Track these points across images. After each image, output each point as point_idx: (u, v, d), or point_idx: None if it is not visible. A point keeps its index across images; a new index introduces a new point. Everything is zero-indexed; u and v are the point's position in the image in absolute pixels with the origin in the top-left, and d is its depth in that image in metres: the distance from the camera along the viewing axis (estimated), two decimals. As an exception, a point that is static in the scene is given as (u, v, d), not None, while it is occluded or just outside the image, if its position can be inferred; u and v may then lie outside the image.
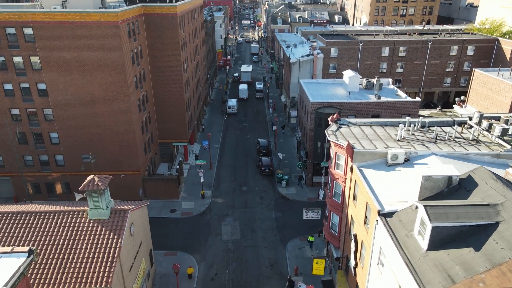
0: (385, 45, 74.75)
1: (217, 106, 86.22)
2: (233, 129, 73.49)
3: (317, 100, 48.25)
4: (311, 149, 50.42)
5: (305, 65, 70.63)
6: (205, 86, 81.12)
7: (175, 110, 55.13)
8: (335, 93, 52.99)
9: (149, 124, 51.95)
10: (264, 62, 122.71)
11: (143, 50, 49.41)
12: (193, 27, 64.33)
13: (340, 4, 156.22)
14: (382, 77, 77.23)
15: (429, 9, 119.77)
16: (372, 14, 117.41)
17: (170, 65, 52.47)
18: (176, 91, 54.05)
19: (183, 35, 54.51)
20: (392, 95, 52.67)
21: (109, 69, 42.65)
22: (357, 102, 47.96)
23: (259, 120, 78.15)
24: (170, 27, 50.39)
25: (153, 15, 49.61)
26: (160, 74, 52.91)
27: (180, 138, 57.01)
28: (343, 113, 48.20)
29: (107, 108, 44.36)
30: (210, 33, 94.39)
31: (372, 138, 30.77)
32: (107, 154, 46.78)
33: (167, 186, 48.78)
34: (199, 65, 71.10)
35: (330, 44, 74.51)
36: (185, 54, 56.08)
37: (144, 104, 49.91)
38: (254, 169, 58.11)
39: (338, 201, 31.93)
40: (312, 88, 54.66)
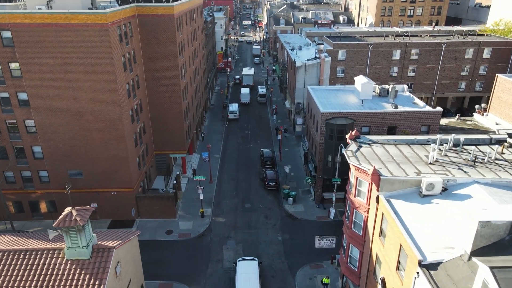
0: (396, 47, 70.34)
1: (218, 111, 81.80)
2: (234, 137, 69.05)
3: (328, 110, 43.82)
4: (321, 163, 45.99)
5: (311, 69, 66.23)
6: (205, 91, 76.73)
7: (172, 120, 50.72)
8: (347, 101, 48.55)
9: (143, 135, 47.52)
10: (266, 65, 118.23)
11: (136, 54, 45.00)
12: (192, 28, 59.93)
13: (343, 4, 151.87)
14: (392, 82, 72.94)
15: (438, 9, 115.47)
16: (378, 15, 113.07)
17: (167, 71, 48.05)
18: (173, 99, 49.63)
19: (181, 38, 50.11)
20: (408, 103, 48.24)
21: (97, 77, 38.22)
22: (372, 112, 43.53)
23: (262, 127, 73.73)
24: (167, 29, 45.97)
25: (148, 16, 45.20)
26: (155, 81, 48.50)
27: (178, 149, 52.59)
28: (357, 124, 43.78)
29: (95, 120, 39.93)
30: (210, 34, 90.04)
31: (400, 161, 26.32)
32: (96, 170, 42.35)
33: (163, 204, 44.36)
34: (199, 69, 66.70)
35: (337, 46, 70.08)
36: (183, 59, 51.67)
37: (137, 114, 45.49)
38: (257, 182, 53.67)
39: (359, 233, 27.48)
40: (321, 96, 50.22)
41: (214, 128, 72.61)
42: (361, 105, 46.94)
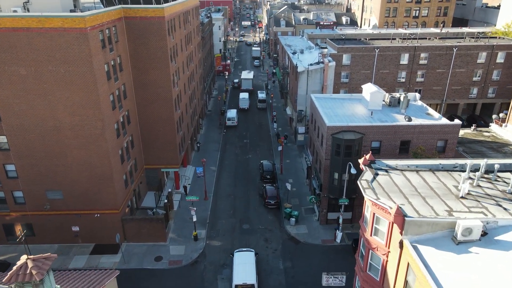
0: (405, 51, 66.12)
1: (215, 118, 77.56)
2: (232, 147, 64.81)
3: (334, 123, 39.58)
4: (327, 181, 41.75)
5: (314, 75, 62.03)
6: (202, 96, 72.51)
7: (163, 132, 46.50)
8: (354, 112, 44.32)
9: (131, 150, 43.29)
10: (266, 68, 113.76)
11: (123, 61, 40.77)
12: (187, 31, 55.69)
13: (345, 4, 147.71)
14: (400, 87, 68.79)
15: (444, 10, 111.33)
16: (383, 16, 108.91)
17: (157, 78, 43.83)
18: (164, 109, 45.41)
19: (173, 43, 45.88)
20: (422, 114, 44.04)
21: (76, 88, 33.98)
22: (384, 126, 39.30)
23: (261, 136, 69.48)
24: (157, 34, 41.75)
25: (136, 19, 40.97)
26: (145, 90, 44.28)
27: (170, 163, 48.36)
28: (366, 139, 39.58)
29: (75, 135, 35.68)
30: (208, 36, 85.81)
31: (425, 194, 22.07)
32: (77, 190, 38.12)
33: (152, 227, 40.12)
34: (194, 75, 62.47)
35: (342, 50, 65.86)
36: (176, 65, 47.44)
37: (124, 127, 41.27)
38: (257, 199, 49.43)
39: (376, 278, 23.23)
40: (326, 106, 45.99)
41: (211, 137, 68.36)
42: (370, 117, 42.72)
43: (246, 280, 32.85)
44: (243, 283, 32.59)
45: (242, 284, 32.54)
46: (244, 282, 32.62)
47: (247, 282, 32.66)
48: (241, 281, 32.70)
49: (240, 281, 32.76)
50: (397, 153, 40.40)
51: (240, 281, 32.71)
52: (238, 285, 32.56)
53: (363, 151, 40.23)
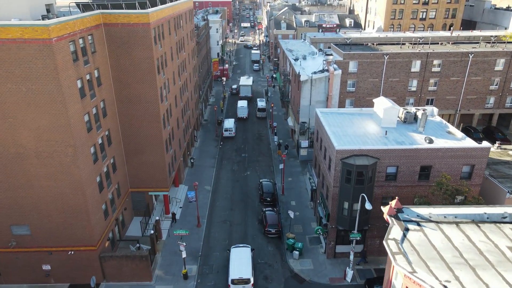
0: (416, 58, 60.96)
1: (211, 128, 72.36)
2: (229, 162, 59.61)
3: (345, 147, 34.38)
4: (335, 211, 36.59)
5: (318, 84, 56.87)
6: (197, 106, 67.34)
7: (151, 152, 41.35)
8: (366, 130, 39.14)
9: (113, 174, 38.10)
10: (266, 74, 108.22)
11: (102, 75, 35.61)
12: (178, 38, 50.52)
13: (348, 6, 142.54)
14: (411, 97, 63.67)
15: (452, 11, 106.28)
16: (388, 18, 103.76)
17: (143, 93, 38.68)
18: (151, 126, 40.26)
19: (161, 52, 40.72)
20: (441, 132, 38.91)
21: (41, 109, 28.84)
22: (402, 150, 34.11)
23: (261, 149, 64.28)
24: (141, 42, 36.60)
25: (117, 26, 35.82)
26: (129, 106, 39.13)
27: (159, 186, 43.20)
28: (381, 164, 34.42)
29: (42, 163, 30.53)
30: (204, 41, 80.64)
31: (475, 262, 16.91)
32: (47, 225, 32.95)
33: (135, 265, 34.93)
34: (187, 84, 57.29)
35: (348, 57, 60.70)
36: (165, 77, 42.28)
37: (104, 149, 36.09)
38: (255, 227, 44.26)
39: None
40: (333, 123, 40.83)
41: (206, 151, 63.16)
42: (384, 137, 37.53)
43: (242, 274, 33.86)
44: (239, 277, 33.66)
45: (238, 279, 33.61)
46: (240, 277, 33.69)
47: (243, 276, 33.73)
48: (237, 276, 33.73)
49: (236, 275, 33.75)
50: (416, 179, 35.25)
51: (236, 276, 33.73)
52: (234, 279, 33.61)
53: (377, 177, 35.14)
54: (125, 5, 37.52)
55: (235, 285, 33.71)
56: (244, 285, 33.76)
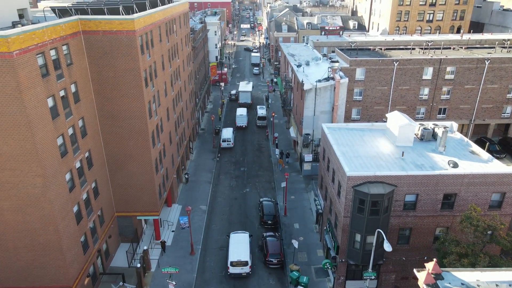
0: (428, 65, 56.63)
1: (208, 138, 68.02)
2: (227, 178, 55.28)
3: (357, 173, 30.09)
4: (345, 243, 32.29)
5: (323, 93, 52.62)
6: (193, 116, 63.05)
7: (138, 173, 37.09)
8: (379, 150, 34.82)
9: (94, 201, 33.81)
10: (267, 79, 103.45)
11: (81, 89, 31.34)
12: (171, 44, 46.24)
13: (351, 7, 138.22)
14: (422, 106, 59.38)
15: (461, 13, 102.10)
16: (393, 20, 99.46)
17: (128, 108, 34.42)
18: (138, 145, 35.99)
19: (150, 62, 36.43)
20: (464, 152, 34.63)
21: (3, 134, 24.57)
22: (423, 176, 29.81)
23: (261, 162, 59.94)
24: (126, 52, 32.33)
25: (98, 33, 31.55)
26: (113, 122, 34.88)
27: (148, 210, 38.94)
28: (399, 191, 30.13)
29: (6, 196, 26.25)
30: (201, 44, 76.34)
31: None
32: (15, 263, 28.69)
33: (118, 307, 30.71)
34: (182, 94, 53.00)
35: (355, 63, 56.40)
36: (155, 89, 37.99)
37: (83, 174, 31.80)
38: (255, 253, 39.94)
39: None
40: (342, 141, 36.53)
41: (203, 164, 58.83)
42: (400, 158, 33.21)
43: (241, 257, 36.13)
44: (237, 260, 35.91)
45: (236, 261, 35.85)
46: (238, 259, 35.94)
47: (241, 259, 35.99)
48: (236, 258, 35.99)
49: (235, 258, 36.03)
50: (439, 208, 30.96)
51: (235, 258, 35.99)
52: (233, 261, 35.86)
53: (394, 206, 30.86)
54: (108, 10, 33.20)
55: (234, 266, 35.91)
56: (242, 267, 35.94)
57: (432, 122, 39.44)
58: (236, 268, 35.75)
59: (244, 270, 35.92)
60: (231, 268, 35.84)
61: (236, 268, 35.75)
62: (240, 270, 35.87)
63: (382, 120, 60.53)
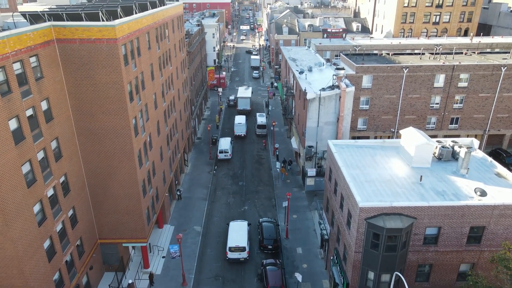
0: (440, 71, 52.75)
1: (205, 149, 64.12)
2: (224, 193, 51.36)
3: (371, 203, 26.20)
4: (356, 281, 28.37)
5: (327, 103, 48.75)
6: (188, 125, 59.17)
7: (123, 196, 33.21)
8: (393, 173, 30.90)
9: (71, 231, 29.92)
10: (267, 85, 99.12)
11: (55, 105, 27.47)
12: (163, 51, 42.37)
13: (354, 8, 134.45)
14: (433, 115, 55.46)
15: (468, 15, 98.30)
16: (398, 22, 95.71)
17: (110, 126, 30.56)
18: (123, 166, 32.11)
19: (136, 72, 32.54)
20: (489, 175, 30.73)
21: (-48, 165, 20.71)
22: (447, 207, 25.91)
23: (261, 176, 56.01)
24: (106, 63, 28.46)
25: (74, 42, 27.70)
26: (94, 141, 31.00)
27: (134, 236, 35.05)
28: (419, 224, 26.23)
29: (-40, 236, 22.38)
30: (197, 49, 72.49)
31: None
32: (-25, 310, 24.81)
33: None
34: (175, 104, 49.11)
35: (362, 70, 52.53)
36: (141, 103, 34.09)
37: (57, 202, 27.92)
38: (254, 284, 36.03)
39: None
40: (351, 161, 32.61)
41: (198, 178, 54.89)
42: (418, 183, 29.31)
43: (239, 243, 37.92)
44: (235, 245, 37.69)
45: (235, 246, 37.64)
46: (236, 245, 37.73)
47: (239, 245, 37.77)
48: (234, 244, 37.79)
49: (233, 244, 37.82)
50: (464, 243, 27.06)
51: (233, 244, 37.80)
52: (231, 247, 37.68)
53: (412, 240, 26.98)
54: (86, 16, 29.30)
55: (232, 252, 37.65)
56: (240, 252, 37.64)
57: (450, 139, 35.51)
58: (234, 254, 37.63)
59: (242, 256, 37.77)
60: (230, 254, 37.67)
61: (234, 254, 37.63)
62: (238, 255, 37.69)
63: (390, 131, 56.74)
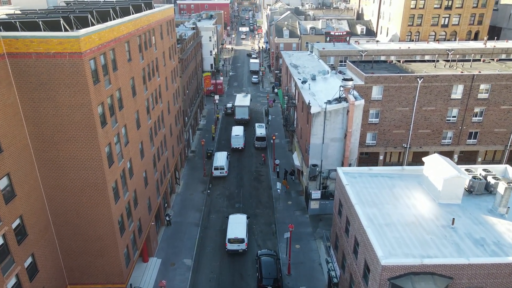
0: (458, 82, 47.64)
1: (199, 164, 58.93)
2: (219, 218, 46.18)
3: (395, 261, 21.03)
4: None
5: (334, 117, 43.66)
6: (180, 139, 54.00)
7: (95, 236, 28.09)
8: (417, 212, 25.72)
9: (29, 284, 24.76)
10: (267, 93, 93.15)
11: (4, 134, 22.33)
12: (148, 61, 37.22)
13: (357, 9, 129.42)
14: (449, 129, 50.33)
15: (479, 17, 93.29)
16: (405, 24, 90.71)
17: (77, 156, 25.43)
18: (93, 202, 26.99)
19: (111, 90, 27.40)
20: (531, 213, 25.56)
21: None
22: (491, 265, 20.76)
23: (260, 196, 50.82)
24: (70, 82, 23.34)
25: (29, 56, 22.58)
26: (58, 173, 25.89)
27: (111, 280, 29.92)
28: (455, 285, 21.04)
29: None
30: (192, 54, 67.33)
31: None
32: None
33: None
34: (163, 119, 43.97)
35: (371, 80, 47.45)
36: (118, 125, 28.93)
37: (7, 254, 22.76)
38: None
39: None
40: (366, 197, 27.46)
41: (190, 199, 49.73)
42: (450, 227, 24.16)
43: (237, 235, 38.69)
44: (234, 237, 38.44)
45: (234, 238, 38.39)
46: (235, 237, 38.49)
47: (238, 236, 38.55)
48: (233, 236, 38.53)
49: (232, 235, 38.55)
50: (509, 306, 21.92)
51: (232, 236, 38.53)
52: (230, 238, 38.41)
53: (445, 302, 21.77)
54: (46, 25, 24.12)
55: (231, 243, 38.57)
56: (239, 244, 38.60)
57: (481, 166, 30.35)
58: (233, 245, 38.52)
59: (241, 247, 38.69)
60: (229, 245, 38.59)
61: (233, 245, 38.52)
62: (237, 246, 38.59)
63: (402, 146, 51.61)
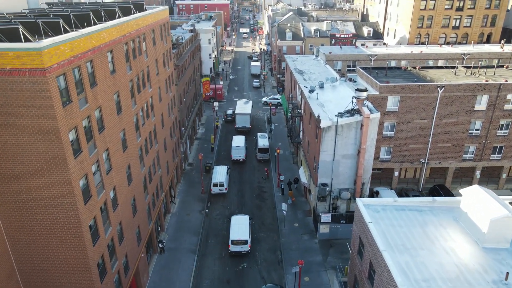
0: (483, 91, 43.10)
1: (196, 179, 54.33)
2: (218, 243, 41.54)
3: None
4: None
5: (346, 132, 39.15)
6: (176, 153, 49.43)
7: (68, 284, 23.52)
8: (458, 260, 21.12)
9: None
10: (270, 101, 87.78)
11: None
12: (137, 71, 32.63)
13: (361, 10, 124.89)
14: (471, 143, 45.74)
15: (492, 19, 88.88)
16: (414, 26, 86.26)
17: (44, 192, 20.86)
18: (66, 246, 22.44)
19: (87, 111, 22.82)
20: None
21: None
22: None
23: (263, 217, 46.21)
24: (32, 105, 18.79)
25: (-20, 74, 17.99)
26: (22, 213, 21.31)
27: (90, 333, 25.33)
28: None
29: None
30: (190, 58, 62.79)
31: None
32: None
33: None
34: (156, 134, 39.39)
35: (387, 90, 42.91)
36: (98, 151, 24.34)
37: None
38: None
39: None
40: (394, 239, 22.85)
41: (186, 220, 45.13)
42: (502, 282, 19.58)
43: (240, 236, 38.42)
44: (237, 238, 38.25)
45: (237, 240, 38.22)
46: (238, 238, 38.27)
47: (241, 238, 38.30)
48: (236, 237, 38.34)
49: (235, 237, 38.35)
50: None
51: (235, 237, 38.32)
52: (233, 240, 38.19)
53: None
54: (1, 34, 19.54)
55: (234, 245, 38.07)
56: (242, 245, 38.12)
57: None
58: (236, 247, 38.12)
59: (244, 249, 38.29)
60: (232, 247, 38.17)
61: (236, 247, 38.12)
62: (240, 248, 38.20)
63: (420, 162, 47.02)
